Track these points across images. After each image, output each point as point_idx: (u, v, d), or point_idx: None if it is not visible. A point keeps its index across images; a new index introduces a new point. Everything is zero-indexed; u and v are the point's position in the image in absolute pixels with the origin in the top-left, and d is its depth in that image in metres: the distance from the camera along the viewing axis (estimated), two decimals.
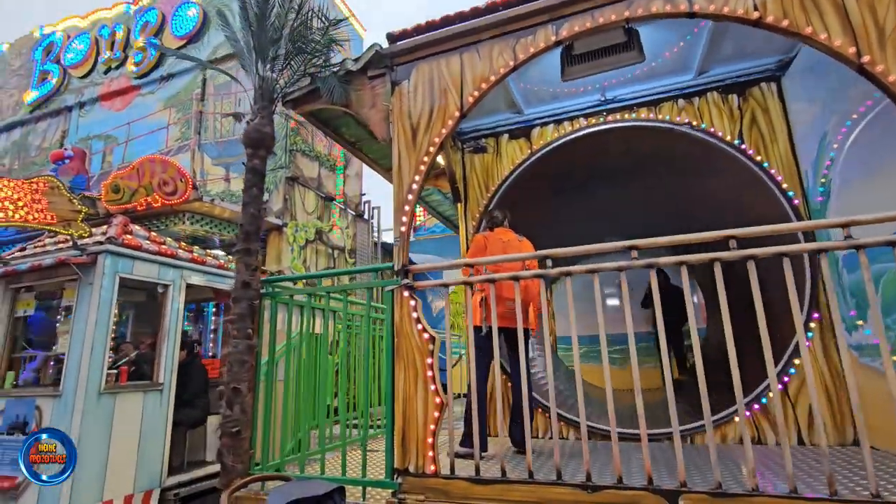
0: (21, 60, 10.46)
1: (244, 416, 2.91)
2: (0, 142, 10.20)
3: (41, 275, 5.07)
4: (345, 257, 8.53)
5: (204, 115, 8.07)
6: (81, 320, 4.71)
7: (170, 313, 5.44)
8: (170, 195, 5.55)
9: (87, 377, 4.50)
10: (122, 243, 4.98)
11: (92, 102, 9.29)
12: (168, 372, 5.35)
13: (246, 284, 3.06)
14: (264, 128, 3.30)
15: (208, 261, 6.02)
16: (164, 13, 8.91)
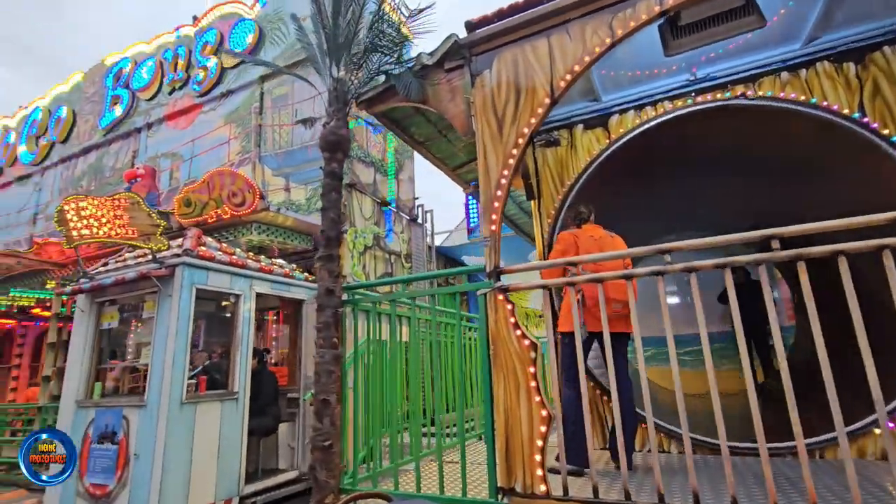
0: (95, 88, 11.17)
1: (334, 429, 2.79)
2: (78, 165, 10.91)
3: (124, 288, 5.26)
4: (401, 262, 8.45)
5: (263, 128, 8.26)
6: (162, 331, 4.82)
7: (241, 323, 5.51)
8: (238, 206, 5.63)
9: (169, 387, 4.58)
10: (198, 255, 5.07)
11: (158, 123, 9.74)
12: (242, 381, 5.40)
13: (329, 292, 2.96)
14: (340, 130, 3.20)
15: (274, 269, 6.08)
16: (222, 32, 9.23)
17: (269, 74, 8.42)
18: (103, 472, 4.74)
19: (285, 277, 6.21)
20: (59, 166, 11.31)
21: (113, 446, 4.77)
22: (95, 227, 5.17)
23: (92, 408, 5.03)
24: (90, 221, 5.19)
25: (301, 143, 7.76)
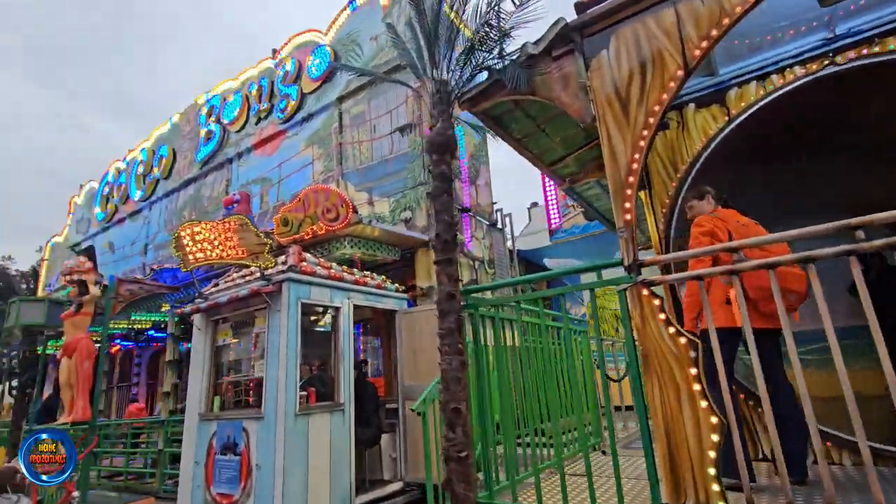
0: (190, 126, 12.22)
1: (467, 439, 2.66)
2: (180, 197, 11.93)
3: (235, 306, 5.57)
4: (485, 268, 8.31)
5: (343, 147, 8.54)
6: (274, 346, 5.02)
7: (342, 335, 5.62)
8: (332, 221, 5.77)
9: (284, 400, 4.73)
10: (301, 271, 5.25)
11: (247, 152, 10.42)
12: (347, 392, 5.48)
13: (451, 296, 2.86)
14: (447, 131, 3.12)
15: (368, 282, 6.17)
16: (301, 61, 9.73)
17: (347, 95, 8.72)
18: (228, 483, 4.98)
19: (378, 289, 6.29)
20: (163, 200, 12.44)
21: (235, 457, 5.01)
22: (209, 250, 5.53)
23: (213, 420, 5.32)
24: (204, 245, 5.56)
25: (381, 157, 7.92)
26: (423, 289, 6.84)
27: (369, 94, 8.41)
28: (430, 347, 6.29)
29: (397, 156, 7.67)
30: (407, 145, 7.59)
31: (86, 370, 6.39)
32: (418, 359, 6.29)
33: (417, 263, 7.01)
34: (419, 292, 6.90)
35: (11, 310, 6.64)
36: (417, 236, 6.72)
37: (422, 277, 6.92)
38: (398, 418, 6.34)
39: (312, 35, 9.55)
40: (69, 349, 6.40)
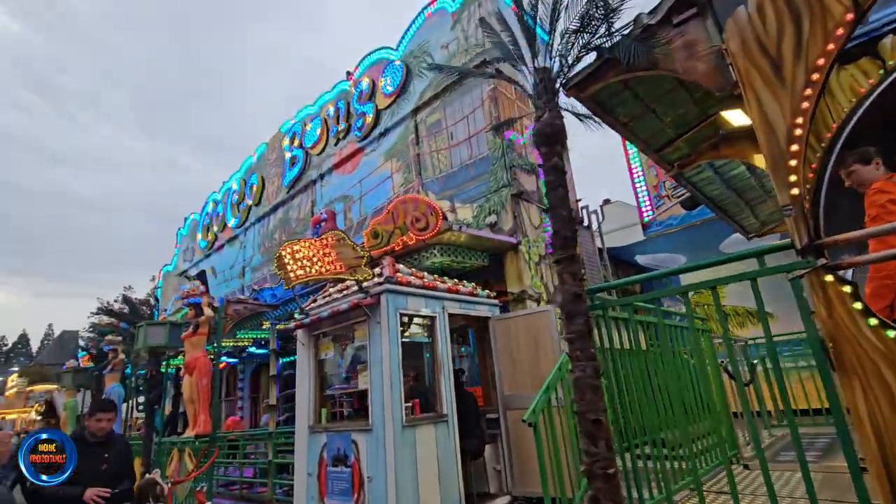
0: (276, 153, 13.03)
1: (611, 453, 2.39)
2: (270, 221, 12.71)
3: (335, 319, 5.70)
4: None
5: (421, 157, 8.60)
6: (376, 357, 5.04)
7: (440, 344, 5.53)
8: (422, 231, 5.73)
9: (391, 411, 4.71)
10: (397, 281, 5.25)
11: (329, 172, 10.86)
12: (449, 403, 5.37)
13: (577, 297, 2.62)
14: (556, 121, 2.91)
15: (461, 289, 6.07)
16: (374, 79, 10.00)
17: (421, 106, 8.80)
18: (341, 494, 5.03)
19: (470, 296, 6.17)
20: (256, 225, 13.32)
21: (347, 469, 5.06)
22: (308, 267, 5.71)
23: (322, 433, 5.44)
24: (304, 262, 5.75)
25: (460, 163, 7.85)
26: (515, 293, 6.61)
27: (444, 102, 8.41)
28: (528, 355, 6.04)
29: (477, 160, 7.55)
30: (487, 148, 7.45)
31: (205, 386, 6.86)
32: (517, 367, 6.05)
33: (507, 267, 6.80)
34: (511, 297, 6.68)
35: (139, 333, 7.31)
36: (505, 239, 6.53)
37: (512, 282, 6.70)
38: (500, 428, 6.13)
39: (383, 52, 9.81)
40: (189, 367, 6.90)
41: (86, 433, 3.64)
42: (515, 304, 6.62)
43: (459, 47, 8.17)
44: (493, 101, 7.51)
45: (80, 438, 3.62)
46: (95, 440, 3.65)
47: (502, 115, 7.38)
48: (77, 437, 3.64)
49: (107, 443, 3.73)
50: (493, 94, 7.54)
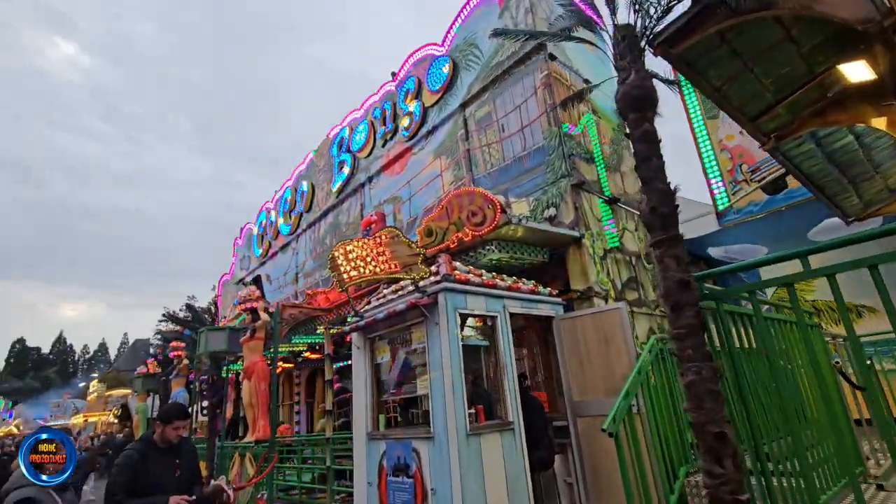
0: (324, 160, 13.16)
1: (740, 474, 1.93)
2: (321, 227, 12.82)
3: (391, 321, 5.48)
4: (643, 264, 7.30)
5: (471, 152, 8.28)
6: (436, 360, 4.74)
7: (503, 346, 5.17)
8: (479, 225, 5.40)
9: (455, 418, 4.39)
10: (455, 279, 4.94)
11: (377, 174, 10.77)
12: (515, 409, 4.99)
13: (684, 285, 2.19)
14: (644, 82, 2.49)
15: (521, 286, 5.68)
16: (419, 77, 9.82)
17: (469, 100, 8.50)
18: None
19: (531, 294, 5.76)
20: (307, 232, 13.50)
21: (409, 479, 4.78)
22: (362, 267, 5.52)
23: (381, 440, 5.19)
24: (357, 262, 5.56)
25: (513, 156, 7.46)
26: (580, 291, 6.13)
27: (493, 94, 8.07)
28: (599, 357, 5.54)
29: (532, 151, 7.14)
30: (542, 138, 7.03)
31: (263, 391, 6.83)
32: (586, 370, 5.57)
33: (569, 263, 6.34)
34: (575, 295, 6.20)
35: (200, 338, 7.41)
36: (567, 233, 6.07)
37: (576, 278, 6.22)
38: (569, 438, 5.66)
39: (429, 49, 9.62)
40: (248, 372, 6.91)
41: (154, 438, 3.57)
42: (580, 302, 6.14)
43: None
44: (548, 87, 7.08)
45: (150, 444, 3.55)
46: (166, 446, 3.58)
47: (558, 97, 6.93)
48: (148, 441, 3.57)
49: (177, 449, 3.66)
50: (546, 80, 7.11)
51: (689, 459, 4.46)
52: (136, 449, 3.44)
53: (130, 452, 3.39)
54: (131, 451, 3.40)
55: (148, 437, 3.61)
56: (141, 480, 3.30)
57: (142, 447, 3.48)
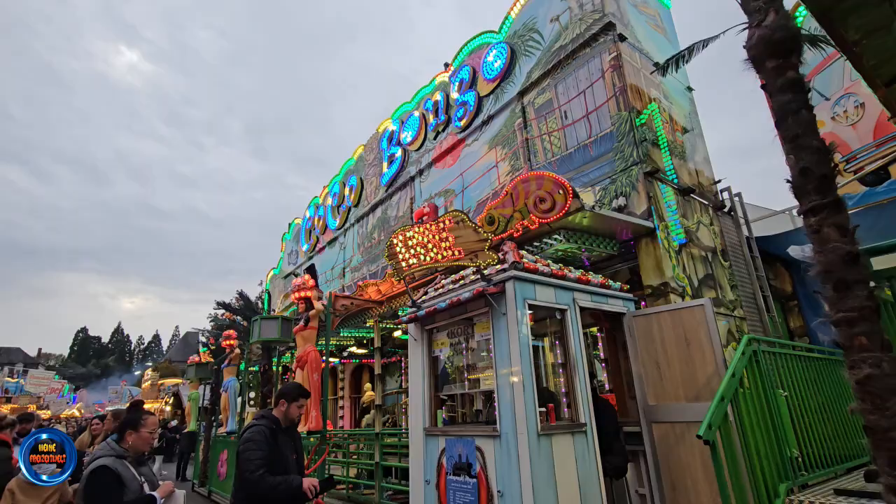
0: (373, 154, 13.14)
1: None
2: (369, 221, 12.79)
3: (452, 312, 5.23)
4: (719, 260, 6.72)
5: (530, 141, 7.94)
6: (503, 354, 4.45)
7: (573, 341, 4.80)
8: (547, 212, 5.06)
9: (525, 416, 4.08)
10: (524, 267, 4.64)
11: (428, 167, 10.59)
12: (586, 410, 4.62)
13: (851, 259, 1.79)
14: (787, 22, 2.10)
15: (591, 279, 5.29)
16: (474, 66, 9.57)
17: (528, 87, 8.16)
18: None
19: (602, 287, 5.37)
20: (355, 226, 13.52)
21: (471, 479, 4.50)
22: (422, 254, 5.30)
23: (440, 436, 4.94)
24: (417, 250, 5.35)
25: (577, 143, 7.06)
26: (654, 286, 5.67)
27: (554, 80, 7.69)
28: (678, 358, 5.08)
29: (598, 138, 6.72)
30: (610, 123, 6.60)
31: (315, 381, 6.74)
32: (663, 373, 5.12)
33: (641, 257, 5.88)
34: (648, 291, 5.74)
35: (253, 327, 7.43)
36: (642, 223, 5.63)
37: (649, 273, 5.77)
38: (643, 445, 5.22)
39: (484, 38, 9.35)
40: (301, 361, 6.84)
41: (277, 416, 3.47)
42: (653, 299, 5.68)
43: (573, 17, 7.42)
44: (617, 69, 6.65)
45: (275, 421, 3.48)
46: (289, 424, 3.57)
47: (628, 85, 6.49)
48: (271, 419, 3.47)
49: (294, 428, 3.69)
50: (616, 62, 6.68)
51: (790, 476, 3.96)
52: (265, 426, 3.35)
53: (261, 428, 3.30)
54: (262, 428, 3.31)
55: (269, 414, 3.51)
56: (272, 456, 3.22)
57: (268, 424, 3.38)
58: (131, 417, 3.06)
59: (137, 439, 2.96)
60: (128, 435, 2.97)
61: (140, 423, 3.00)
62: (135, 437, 2.95)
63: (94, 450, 5.69)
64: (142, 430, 2.99)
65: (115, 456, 2.86)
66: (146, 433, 3.03)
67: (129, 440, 2.96)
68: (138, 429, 2.98)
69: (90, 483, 2.72)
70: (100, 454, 2.88)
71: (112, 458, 2.84)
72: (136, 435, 2.95)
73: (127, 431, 2.98)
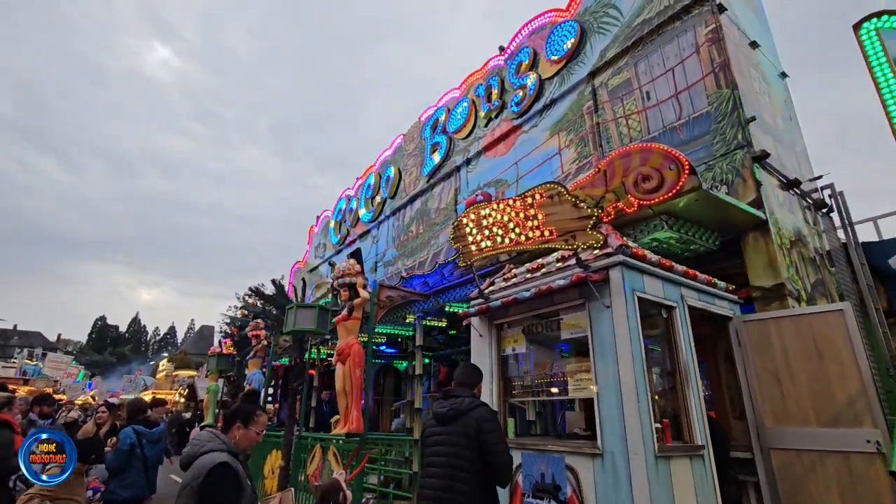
0: (414, 143, 12.54)
1: None
2: (406, 213, 12.16)
3: (531, 304, 4.51)
4: (826, 265, 5.86)
5: (602, 126, 7.20)
6: (607, 355, 3.68)
7: (684, 347, 4.02)
8: (651, 192, 4.32)
9: (639, 433, 3.31)
10: (632, 253, 3.89)
11: (476, 156, 9.92)
12: (701, 430, 3.83)
13: None
14: None
15: (698, 275, 4.52)
16: (535, 48, 8.89)
17: (601, 67, 7.44)
18: None
19: (709, 286, 4.58)
20: (390, 219, 12.91)
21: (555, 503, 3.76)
22: (500, 236, 4.57)
23: (515, 449, 4.15)
24: (494, 230, 4.63)
25: (663, 126, 6.30)
26: (767, 288, 4.86)
27: (634, 58, 6.95)
28: (807, 373, 4.23)
29: (691, 120, 5.95)
30: (707, 102, 5.82)
31: (358, 378, 6.06)
32: (786, 389, 4.29)
33: (749, 253, 5.08)
34: (757, 293, 4.93)
35: (288, 315, 6.77)
36: (756, 213, 4.84)
37: (758, 273, 4.96)
38: (754, 475, 4.40)
39: (549, 16, 8.68)
40: (343, 354, 6.18)
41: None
42: (763, 303, 4.87)
43: None
44: (716, 43, 5.88)
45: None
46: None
47: (731, 62, 5.71)
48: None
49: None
50: (714, 35, 5.92)
51: None
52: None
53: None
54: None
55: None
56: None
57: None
58: (245, 410, 2.60)
59: (245, 437, 2.49)
60: (236, 429, 2.49)
61: (253, 419, 2.54)
62: (242, 434, 2.48)
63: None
64: (251, 429, 2.53)
65: (228, 451, 2.38)
66: (255, 433, 2.58)
67: (236, 435, 2.48)
68: (249, 425, 2.51)
69: (216, 478, 2.28)
70: (213, 447, 2.35)
71: (226, 453, 2.37)
72: (245, 432, 2.49)
73: (236, 424, 2.51)
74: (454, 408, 3.10)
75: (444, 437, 3.08)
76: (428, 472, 3.11)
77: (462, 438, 2.97)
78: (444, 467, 2.99)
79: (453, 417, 3.07)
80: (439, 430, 3.12)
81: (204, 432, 2.49)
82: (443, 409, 3.13)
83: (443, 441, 3.07)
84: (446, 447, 3.03)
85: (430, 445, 3.15)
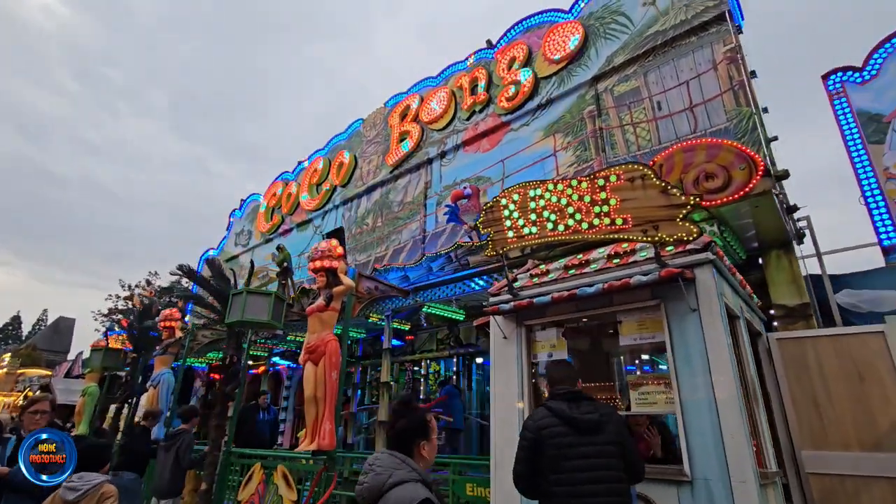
0: (376, 130, 11.58)
1: None
2: (363, 203, 11.10)
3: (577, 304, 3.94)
4: None
5: (606, 131, 6.98)
6: (695, 366, 3.21)
7: (749, 363, 3.70)
8: (716, 192, 4.00)
9: (741, 457, 2.85)
10: (717, 253, 3.49)
11: (455, 150, 9.29)
12: (772, 452, 3.49)
13: None
14: None
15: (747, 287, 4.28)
16: (530, 44, 8.57)
17: (607, 72, 7.27)
18: None
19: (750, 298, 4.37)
20: (340, 208, 11.74)
21: None
22: (552, 222, 3.97)
23: None
24: (544, 216, 4.01)
25: (675, 138, 6.19)
26: (791, 307, 4.79)
27: (644, 67, 6.87)
28: (846, 396, 4.12)
29: (706, 133, 5.89)
30: (726, 118, 5.81)
31: (334, 383, 5.03)
32: (825, 413, 4.15)
33: (771, 271, 5.02)
34: (779, 313, 4.85)
35: (235, 303, 5.55)
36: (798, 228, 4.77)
37: (782, 290, 4.90)
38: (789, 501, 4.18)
39: (548, 15, 8.42)
40: (317, 353, 5.10)
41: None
42: (787, 321, 4.79)
43: (675, 2, 6.71)
44: (734, 62, 5.93)
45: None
46: None
47: (749, 82, 5.78)
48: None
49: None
50: (733, 54, 5.97)
51: None
52: None
53: None
54: None
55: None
56: None
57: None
58: (418, 420, 1.99)
59: (431, 451, 2.03)
60: (420, 447, 1.94)
61: (431, 428, 2.02)
62: (429, 449, 2.02)
63: None
64: (433, 438, 2.03)
65: (423, 482, 1.84)
66: (436, 440, 2.09)
67: (423, 453, 1.95)
68: (430, 436, 2.01)
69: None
70: (405, 478, 1.78)
71: (421, 483, 1.82)
72: (430, 446, 2.02)
73: (420, 443, 1.94)
74: (602, 412, 2.53)
75: (592, 449, 2.43)
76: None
77: (612, 447, 2.46)
78: (605, 496, 2.33)
79: (601, 424, 2.48)
80: (579, 441, 2.46)
81: (383, 455, 1.89)
82: (591, 416, 2.48)
83: (591, 453, 2.42)
84: (595, 459, 2.43)
85: (569, 459, 2.43)
